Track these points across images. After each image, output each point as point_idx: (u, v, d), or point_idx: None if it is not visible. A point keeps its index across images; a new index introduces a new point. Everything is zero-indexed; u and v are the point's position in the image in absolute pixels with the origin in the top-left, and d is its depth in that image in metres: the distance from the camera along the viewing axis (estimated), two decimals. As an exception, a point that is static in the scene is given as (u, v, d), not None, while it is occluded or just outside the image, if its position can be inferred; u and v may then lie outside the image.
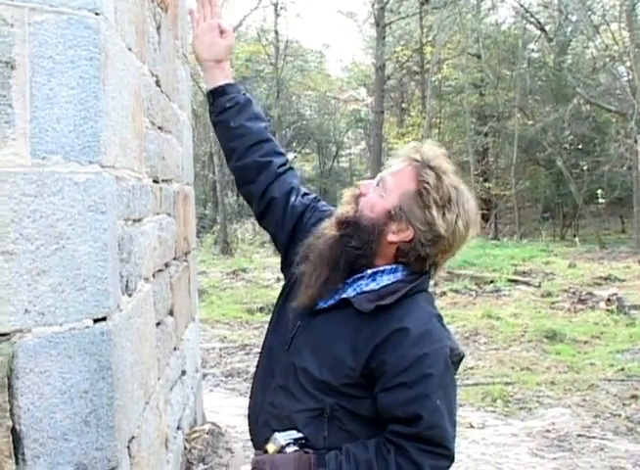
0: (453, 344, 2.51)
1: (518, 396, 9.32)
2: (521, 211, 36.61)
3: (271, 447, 2.50)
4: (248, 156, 2.91)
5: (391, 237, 2.53)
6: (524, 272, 20.30)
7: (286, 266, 2.91)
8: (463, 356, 2.60)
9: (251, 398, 2.83)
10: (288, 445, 2.47)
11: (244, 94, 3.01)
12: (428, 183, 2.50)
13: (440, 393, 2.41)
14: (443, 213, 2.49)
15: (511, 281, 18.68)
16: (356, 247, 2.53)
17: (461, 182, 2.61)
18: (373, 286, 2.55)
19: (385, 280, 2.55)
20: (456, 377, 2.58)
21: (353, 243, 2.53)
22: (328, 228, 2.62)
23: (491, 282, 18.51)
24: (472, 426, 8.08)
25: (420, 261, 2.57)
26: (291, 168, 3.02)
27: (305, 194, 2.97)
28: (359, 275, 2.57)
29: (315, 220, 2.82)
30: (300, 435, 2.50)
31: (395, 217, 2.51)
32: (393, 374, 2.40)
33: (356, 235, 2.53)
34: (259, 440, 2.65)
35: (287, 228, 2.88)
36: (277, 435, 2.51)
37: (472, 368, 10.63)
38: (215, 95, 2.94)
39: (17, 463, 2.47)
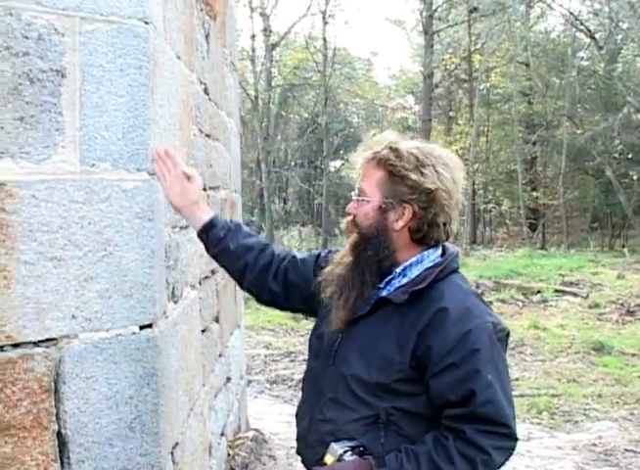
0: (495, 319, 2.51)
1: (564, 408, 9.19)
2: (569, 221, 36.23)
3: (329, 458, 2.49)
4: (256, 268, 2.94)
5: (397, 225, 2.57)
6: (571, 283, 20.04)
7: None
8: (508, 332, 2.57)
9: (297, 425, 2.81)
10: (345, 452, 2.46)
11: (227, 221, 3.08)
12: (389, 159, 2.55)
13: (490, 367, 2.40)
14: (421, 172, 2.52)
15: (558, 291, 18.45)
16: (374, 254, 2.57)
17: (419, 141, 2.67)
18: (405, 280, 2.58)
19: (415, 272, 2.58)
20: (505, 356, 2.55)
21: (369, 252, 2.57)
22: (344, 256, 2.69)
23: (538, 292, 18.31)
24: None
25: (436, 230, 2.59)
26: (284, 252, 3.06)
27: (304, 259, 3.01)
28: (389, 277, 2.60)
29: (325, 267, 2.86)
30: (357, 442, 2.49)
31: (388, 207, 2.56)
32: (440, 357, 2.40)
33: (368, 245, 2.58)
34: (313, 459, 2.62)
35: (308, 295, 2.88)
36: (333, 445, 2.49)
37: (517, 379, 10.50)
38: (206, 230, 2.97)
39: (62, 467, 2.50)
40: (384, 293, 2.58)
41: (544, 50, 37.66)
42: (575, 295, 18.11)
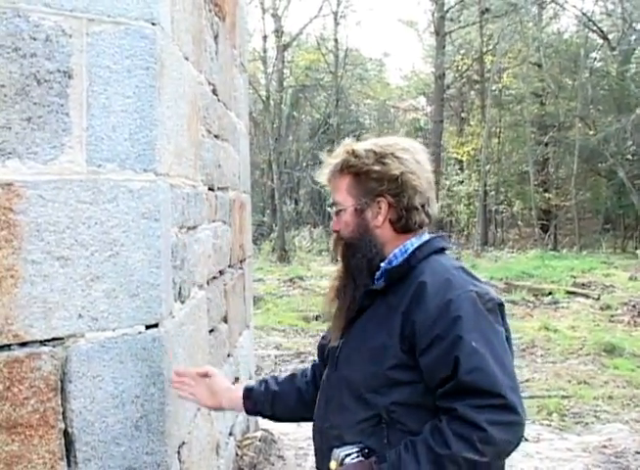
0: (480, 289, 2.45)
1: (574, 410, 9.17)
2: (581, 223, 36.11)
3: (333, 464, 2.47)
4: (310, 388, 2.95)
5: (378, 221, 2.59)
6: (583, 284, 20.03)
7: None
8: (501, 303, 2.49)
9: (313, 439, 2.79)
10: (347, 456, 2.44)
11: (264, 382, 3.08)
12: (348, 162, 2.60)
13: (476, 335, 2.31)
14: (382, 163, 2.56)
15: (569, 293, 18.42)
16: (362, 256, 2.59)
17: (377, 139, 2.71)
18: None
19: (399, 259, 2.58)
20: (503, 329, 2.46)
21: (358, 256, 2.60)
22: (338, 273, 2.72)
23: (549, 294, 18.30)
24: (526, 439, 7.94)
25: (415, 213, 2.59)
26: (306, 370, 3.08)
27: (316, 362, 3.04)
28: (378, 273, 2.60)
29: None
30: (362, 445, 2.46)
31: (363, 207, 2.60)
32: (424, 331, 2.35)
33: (356, 250, 2.60)
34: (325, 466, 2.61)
35: None
36: (336, 450, 2.48)
37: (528, 381, 10.50)
38: (248, 397, 2.97)
39: (68, 465, 2.52)
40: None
41: (557, 51, 37.63)
42: (587, 296, 18.09)
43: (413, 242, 2.61)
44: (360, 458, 2.44)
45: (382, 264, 2.59)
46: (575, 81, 35.79)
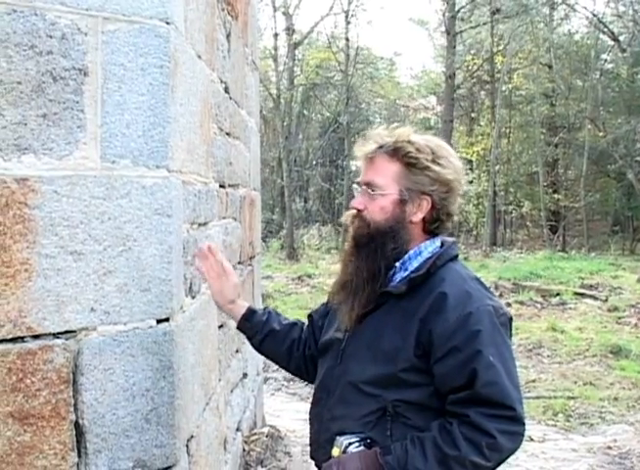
0: (496, 303, 2.51)
1: (580, 410, 9.19)
2: (590, 224, 36.01)
3: (336, 451, 2.52)
4: (301, 343, 3.03)
5: (415, 217, 2.60)
6: (590, 286, 19.95)
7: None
8: (511, 318, 2.58)
9: (310, 429, 2.82)
10: (351, 444, 2.48)
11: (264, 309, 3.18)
12: (409, 152, 2.57)
13: (492, 350, 2.38)
14: (439, 164, 2.57)
15: (577, 294, 18.37)
16: (393, 247, 2.58)
17: (422, 135, 2.70)
18: (406, 274, 2.59)
19: (414, 264, 2.59)
20: (511, 342, 2.54)
21: (390, 245, 2.58)
22: (348, 258, 2.70)
23: (557, 295, 18.26)
24: (532, 439, 7.96)
25: (450, 219, 2.67)
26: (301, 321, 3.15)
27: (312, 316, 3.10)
28: (391, 272, 2.61)
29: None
30: (365, 435, 2.50)
31: (407, 200, 2.58)
32: (442, 341, 2.40)
33: (386, 239, 2.58)
34: (324, 459, 2.61)
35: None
36: (339, 437, 2.52)
37: (534, 381, 10.52)
38: (248, 318, 3.05)
39: (79, 456, 2.55)
40: (389, 288, 2.59)
41: (567, 52, 37.49)
42: (595, 298, 18.05)
43: (427, 245, 2.64)
44: (363, 448, 2.48)
45: (396, 264, 2.60)
46: (586, 83, 35.67)
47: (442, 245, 2.67)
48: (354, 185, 2.77)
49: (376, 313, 2.59)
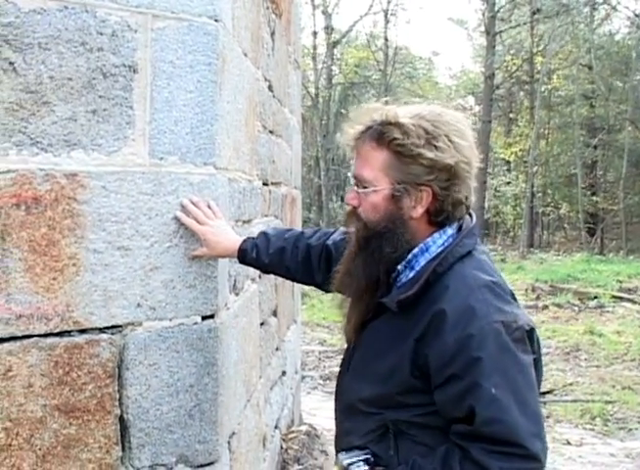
0: (508, 316, 2.10)
1: (618, 415, 9.09)
2: (628, 227, 35.67)
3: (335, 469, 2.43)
4: (299, 268, 2.84)
5: (415, 212, 2.22)
6: (629, 289, 19.76)
7: None
8: (532, 328, 2.15)
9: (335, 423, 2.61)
10: (352, 464, 2.31)
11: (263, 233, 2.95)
12: (395, 139, 2.17)
13: (497, 379, 2.02)
14: (435, 147, 2.14)
15: (615, 298, 18.21)
16: (393, 250, 2.23)
17: (417, 107, 2.25)
18: (412, 274, 2.26)
19: (421, 261, 2.25)
20: (531, 356, 2.15)
21: (387, 249, 2.23)
22: (351, 257, 2.35)
23: (595, 298, 18.11)
24: (569, 443, 7.91)
25: (459, 208, 2.26)
26: (316, 240, 2.86)
27: (335, 242, 2.80)
28: (394, 274, 2.31)
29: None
30: (366, 453, 2.31)
31: (402, 194, 2.20)
32: (439, 368, 2.09)
33: (384, 242, 2.23)
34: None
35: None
36: (340, 455, 2.39)
37: (571, 384, 10.43)
38: (243, 260, 2.90)
39: (123, 450, 2.57)
40: (393, 291, 2.29)
41: (608, 52, 37.18)
42: (633, 301, 17.87)
43: (435, 239, 2.26)
44: (364, 468, 2.29)
45: (398, 267, 2.29)
46: (626, 84, 35.36)
47: (459, 230, 2.29)
48: (349, 174, 2.48)
49: (375, 323, 2.33)
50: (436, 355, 2.09)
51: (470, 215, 2.34)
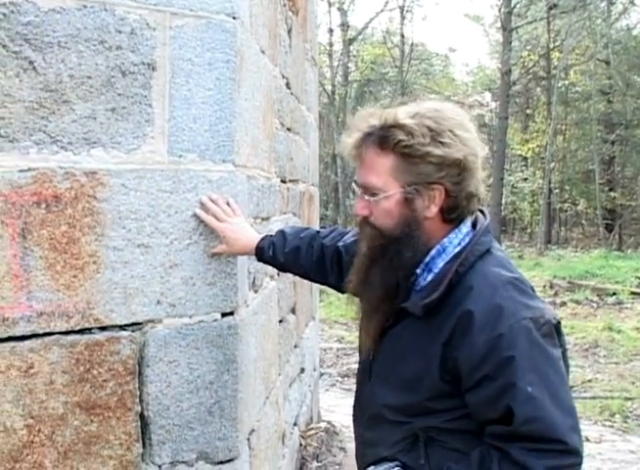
0: (535, 312, 2.08)
1: (637, 412, 9.06)
2: (647, 223, 35.58)
3: None
4: (313, 268, 2.82)
5: (430, 212, 2.19)
6: (648, 286, 19.73)
7: None
8: (558, 322, 2.14)
9: (354, 434, 2.57)
10: None
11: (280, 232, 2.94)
12: (401, 141, 2.13)
13: (531, 377, 2.01)
14: (442, 143, 2.12)
15: (634, 294, 18.14)
16: (412, 255, 2.20)
17: (414, 107, 2.22)
18: (430, 277, 2.23)
19: (439, 263, 2.21)
20: (560, 350, 2.16)
21: (406, 254, 2.20)
22: (362, 268, 2.31)
23: (613, 294, 18.06)
24: (588, 440, 7.85)
25: (472, 201, 2.23)
26: (329, 241, 2.83)
27: (337, 234, 2.85)
28: (418, 271, 2.25)
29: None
30: (397, 464, 2.27)
31: (414, 196, 2.17)
32: (470, 370, 2.07)
33: (402, 247, 2.20)
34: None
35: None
36: (370, 469, 2.35)
37: (590, 381, 10.40)
38: (261, 258, 2.89)
39: (143, 447, 2.59)
40: (412, 296, 2.24)
41: (625, 47, 36.98)
42: (652, 298, 17.81)
43: (451, 239, 2.24)
44: None
45: (417, 271, 2.24)
46: (644, 79, 35.23)
47: (474, 226, 2.26)
48: (353, 184, 2.40)
49: (396, 329, 2.29)
50: (467, 358, 2.07)
51: (482, 213, 2.32)
